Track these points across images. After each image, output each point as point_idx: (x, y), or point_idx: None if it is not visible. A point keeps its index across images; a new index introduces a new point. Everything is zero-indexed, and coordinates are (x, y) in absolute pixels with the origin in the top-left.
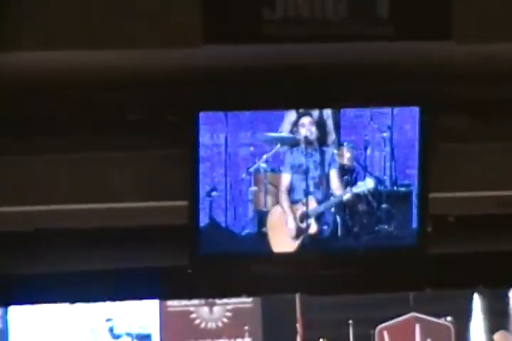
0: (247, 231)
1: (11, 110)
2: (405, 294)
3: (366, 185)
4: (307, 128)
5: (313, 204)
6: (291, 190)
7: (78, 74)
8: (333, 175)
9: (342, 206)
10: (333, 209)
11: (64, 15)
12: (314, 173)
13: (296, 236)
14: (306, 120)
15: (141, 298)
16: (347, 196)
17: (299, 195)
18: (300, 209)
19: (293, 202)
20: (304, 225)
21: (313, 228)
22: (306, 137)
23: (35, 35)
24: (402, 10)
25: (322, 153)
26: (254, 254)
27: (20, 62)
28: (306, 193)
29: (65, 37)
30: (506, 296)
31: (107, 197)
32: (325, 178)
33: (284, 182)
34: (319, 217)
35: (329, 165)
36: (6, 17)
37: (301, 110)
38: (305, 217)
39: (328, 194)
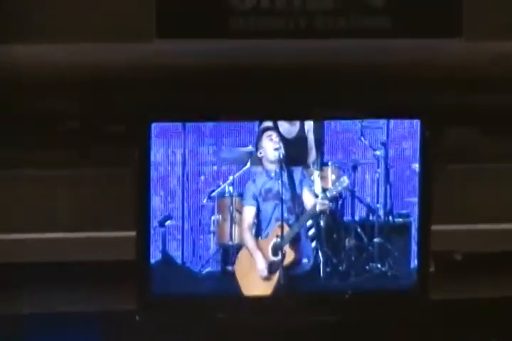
0: (208, 269)
1: None
2: None
3: (341, 184)
4: (272, 146)
5: (286, 231)
6: (257, 224)
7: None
8: (306, 194)
9: (324, 236)
10: (311, 233)
11: None
12: (286, 196)
13: (270, 274)
14: (269, 135)
15: None
16: (321, 205)
17: (267, 226)
18: (271, 241)
19: (261, 237)
20: (277, 257)
21: (290, 256)
22: (269, 156)
23: None
24: None
25: (290, 173)
26: (218, 298)
27: None
28: (279, 221)
29: None
30: None
31: (34, 225)
32: (298, 200)
33: (246, 217)
34: (295, 243)
35: (300, 183)
36: None
37: (264, 123)
38: (278, 247)
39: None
